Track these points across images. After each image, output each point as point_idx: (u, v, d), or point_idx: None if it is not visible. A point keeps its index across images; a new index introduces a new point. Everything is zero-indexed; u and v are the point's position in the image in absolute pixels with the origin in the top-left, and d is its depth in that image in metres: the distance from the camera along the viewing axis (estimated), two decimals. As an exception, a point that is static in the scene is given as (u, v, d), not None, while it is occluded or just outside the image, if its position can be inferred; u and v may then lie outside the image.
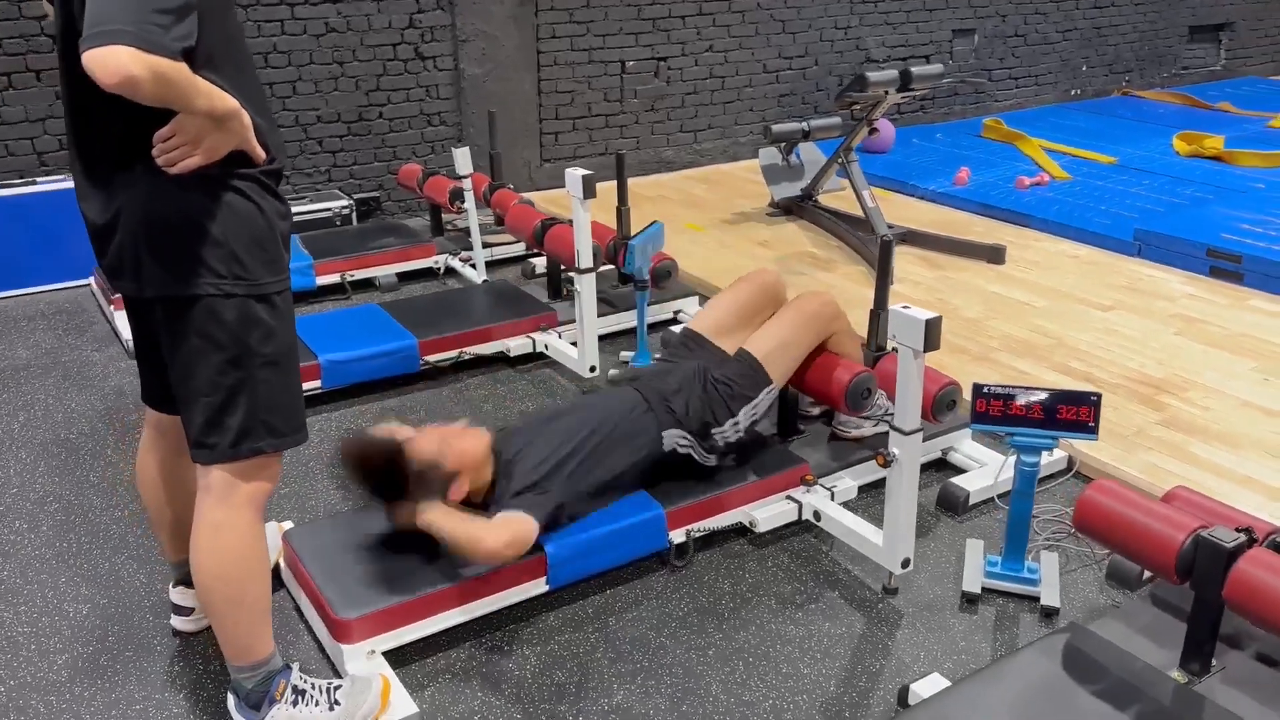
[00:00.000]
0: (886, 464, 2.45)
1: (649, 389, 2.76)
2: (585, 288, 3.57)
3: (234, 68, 1.82)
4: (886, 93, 4.93)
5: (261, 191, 1.88)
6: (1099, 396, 2.44)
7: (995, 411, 2.49)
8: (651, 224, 3.74)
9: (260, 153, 1.85)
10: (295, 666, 2.15)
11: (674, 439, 2.73)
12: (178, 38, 1.62)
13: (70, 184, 4.72)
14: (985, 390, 2.51)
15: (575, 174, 3.46)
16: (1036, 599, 2.55)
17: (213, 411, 1.89)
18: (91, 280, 4.75)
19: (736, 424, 2.80)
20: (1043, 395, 2.46)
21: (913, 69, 4.91)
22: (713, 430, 2.77)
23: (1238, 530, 2.08)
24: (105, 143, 1.81)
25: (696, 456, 2.77)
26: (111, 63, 1.54)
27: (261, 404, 1.92)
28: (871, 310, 3.11)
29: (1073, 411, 2.44)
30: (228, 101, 1.75)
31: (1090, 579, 2.66)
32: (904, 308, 2.33)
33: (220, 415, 1.89)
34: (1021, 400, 2.47)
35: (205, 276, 1.82)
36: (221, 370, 1.87)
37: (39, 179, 4.80)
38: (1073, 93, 8.57)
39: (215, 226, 1.81)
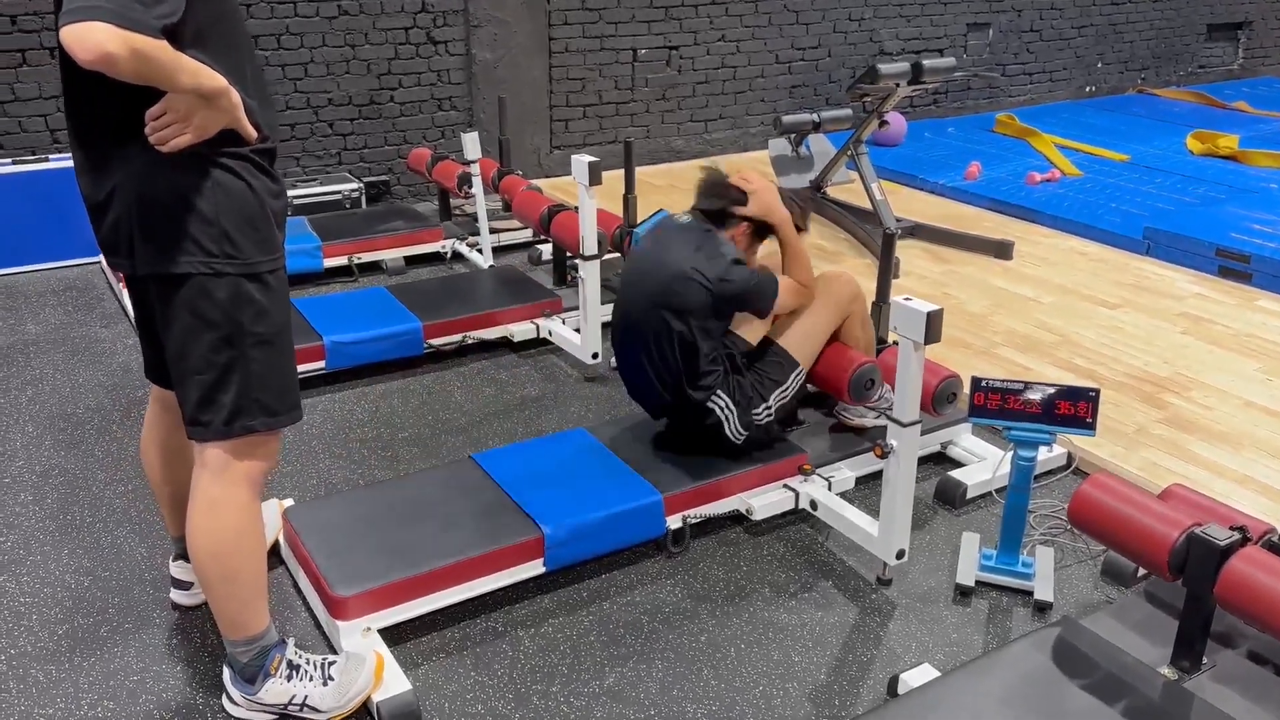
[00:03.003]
0: (884, 455, 2.45)
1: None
2: (589, 274, 3.58)
3: (225, 47, 1.81)
4: (897, 85, 4.91)
5: (253, 170, 1.87)
6: (1097, 392, 2.44)
7: (993, 405, 2.50)
8: (657, 212, 3.74)
9: (251, 131, 1.84)
10: (291, 641, 2.17)
11: (718, 401, 2.76)
12: (160, 15, 1.62)
13: (82, 161, 4.74)
14: (984, 384, 2.51)
15: (581, 160, 3.47)
16: (1030, 593, 2.56)
17: (206, 389, 1.90)
18: (102, 257, 4.77)
19: (768, 408, 2.83)
20: (1041, 390, 2.47)
21: (924, 61, 4.90)
22: (751, 410, 2.80)
23: (1232, 529, 2.08)
24: (102, 120, 1.82)
25: (728, 429, 2.79)
26: (88, 39, 1.53)
27: (255, 382, 1.92)
28: (873, 303, 3.12)
29: (1070, 407, 2.44)
30: (215, 79, 1.74)
31: (1085, 575, 2.66)
32: (906, 299, 2.33)
33: (213, 393, 1.90)
34: (1019, 395, 2.47)
35: (196, 255, 1.82)
36: (214, 348, 1.88)
37: (52, 155, 4.82)
38: (1087, 89, 8.53)
39: (206, 205, 1.81)
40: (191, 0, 1.71)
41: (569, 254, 4.38)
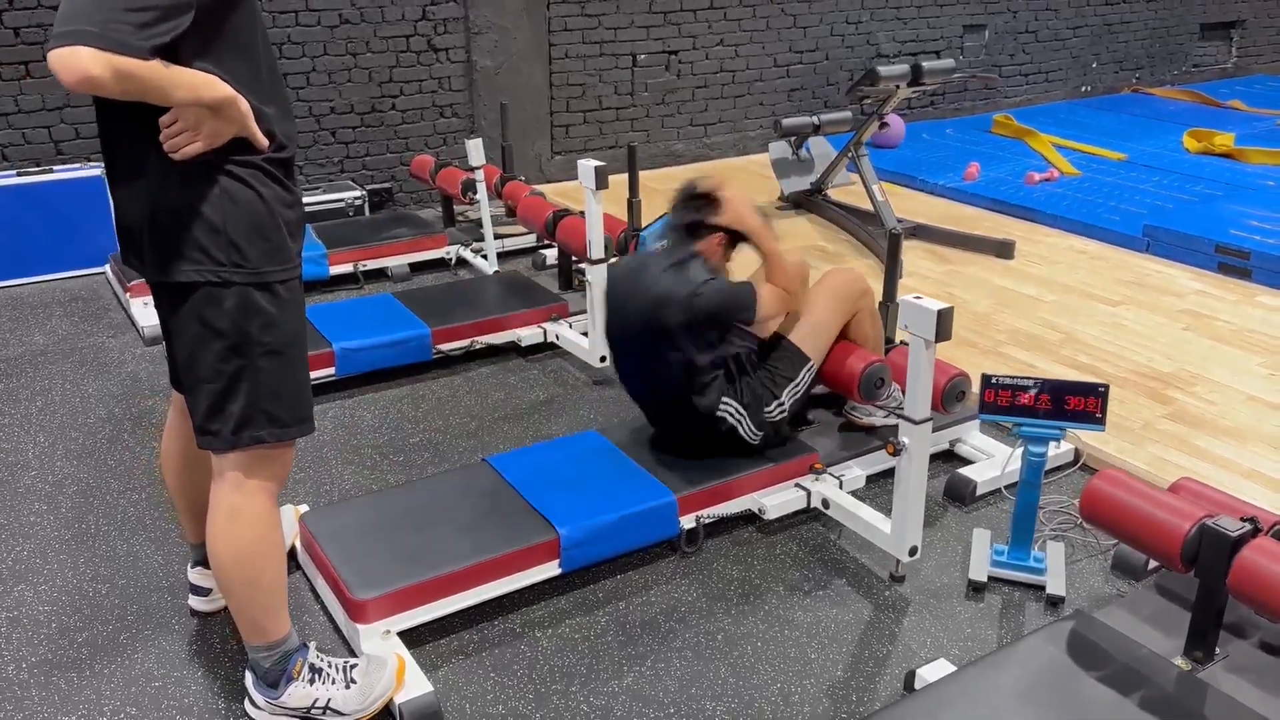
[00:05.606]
0: (896, 453, 2.48)
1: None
2: (597, 278, 3.60)
3: (237, 56, 1.81)
4: (897, 87, 4.95)
5: (264, 179, 1.87)
6: (1106, 388, 2.47)
7: (1003, 402, 2.52)
8: (663, 215, 3.76)
9: (262, 139, 1.84)
10: (312, 645, 2.18)
11: (728, 408, 2.79)
12: (150, 36, 1.62)
13: (86, 172, 4.77)
14: (994, 381, 2.54)
15: (588, 165, 3.49)
16: (1042, 588, 2.58)
17: (214, 398, 1.91)
18: (107, 268, 4.79)
19: (781, 405, 2.86)
20: (1051, 386, 2.49)
21: (924, 64, 4.93)
22: (764, 409, 2.83)
23: (1242, 520, 2.10)
24: (122, 129, 1.83)
25: (743, 432, 2.82)
26: (71, 63, 1.55)
27: (263, 393, 1.92)
28: (880, 303, 3.14)
29: (1080, 402, 2.47)
30: (217, 90, 1.74)
31: (1095, 569, 2.69)
32: (916, 298, 2.35)
33: (222, 402, 1.91)
34: (1029, 391, 2.50)
35: (204, 263, 1.83)
36: (223, 357, 1.88)
37: (55, 167, 4.84)
38: (1083, 89, 8.57)
39: (214, 213, 1.82)
40: (198, 20, 1.71)
41: (575, 258, 4.40)
